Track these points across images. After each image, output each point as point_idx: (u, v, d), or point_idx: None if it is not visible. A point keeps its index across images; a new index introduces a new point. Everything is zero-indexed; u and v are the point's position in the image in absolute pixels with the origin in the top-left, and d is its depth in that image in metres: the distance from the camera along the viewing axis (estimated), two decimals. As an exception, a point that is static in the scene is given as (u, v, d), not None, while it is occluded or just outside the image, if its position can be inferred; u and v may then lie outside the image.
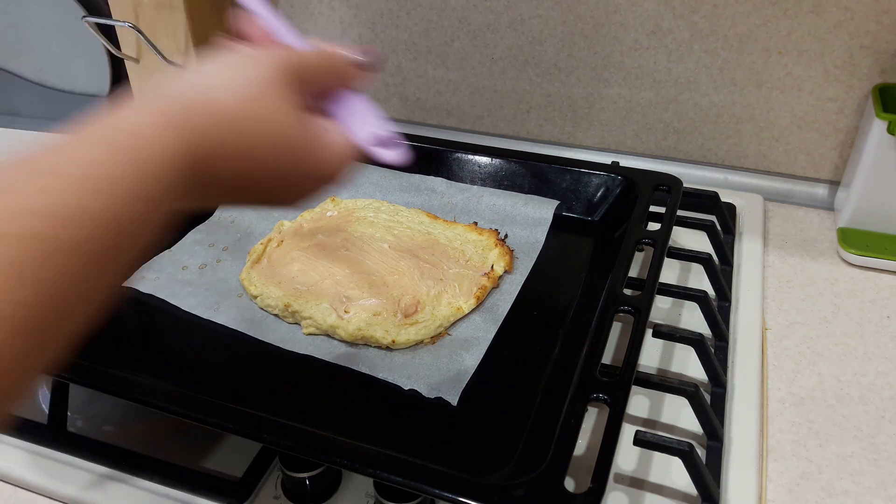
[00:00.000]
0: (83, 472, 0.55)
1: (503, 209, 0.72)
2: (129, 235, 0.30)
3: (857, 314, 0.66)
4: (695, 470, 0.48)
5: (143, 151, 0.31)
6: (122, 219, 0.30)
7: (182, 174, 0.33)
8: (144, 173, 0.31)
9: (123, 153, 0.31)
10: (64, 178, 0.30)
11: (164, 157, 0.32)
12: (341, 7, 0.92)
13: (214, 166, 0.34)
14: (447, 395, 0.54)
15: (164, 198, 0.32)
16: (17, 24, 0.96)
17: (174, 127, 0.33)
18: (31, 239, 0.27)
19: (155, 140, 0.32)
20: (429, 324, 0.59)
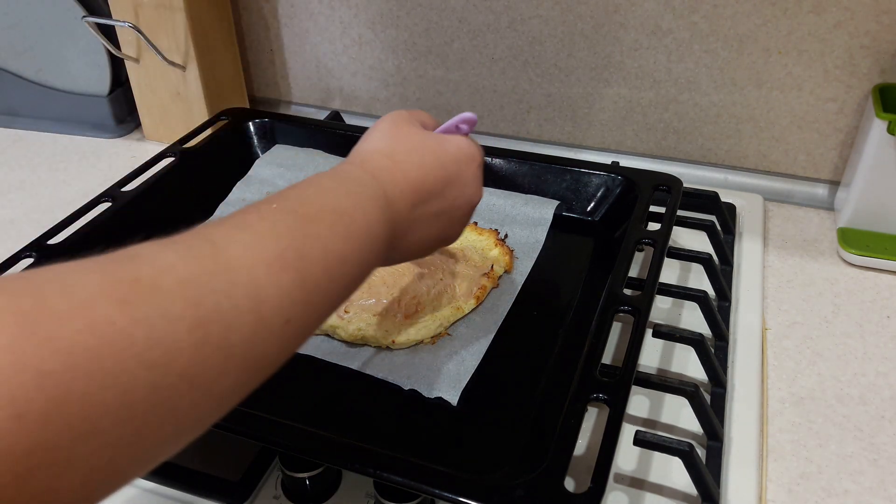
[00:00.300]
0: (83, 472, 0.55)
1: (503, 209, 0.72)
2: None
3: (857, 314, 0.66)
4: (695, 470, 0.48)
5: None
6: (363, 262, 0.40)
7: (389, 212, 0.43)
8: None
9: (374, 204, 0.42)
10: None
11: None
12: (341, 7, 0.92)
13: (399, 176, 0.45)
14: (447, 395, 0.54)
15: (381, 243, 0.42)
16: (17, 24, 0.96)
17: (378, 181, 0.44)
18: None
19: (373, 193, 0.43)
20: (429, 324, 0.59)
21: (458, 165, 0.48)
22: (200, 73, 0.91)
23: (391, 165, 0.45)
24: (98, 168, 0.94)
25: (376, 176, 0.44)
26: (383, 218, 0.41)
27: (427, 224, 0.47)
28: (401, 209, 0.44)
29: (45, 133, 1.02)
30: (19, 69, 1.00)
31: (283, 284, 0.33)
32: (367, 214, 0.40)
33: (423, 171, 0.46)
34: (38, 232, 0.66)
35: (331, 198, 0.39)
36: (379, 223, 0.41)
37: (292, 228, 0.35)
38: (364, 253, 0.39)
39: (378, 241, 0.41)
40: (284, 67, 1.01)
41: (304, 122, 0.85)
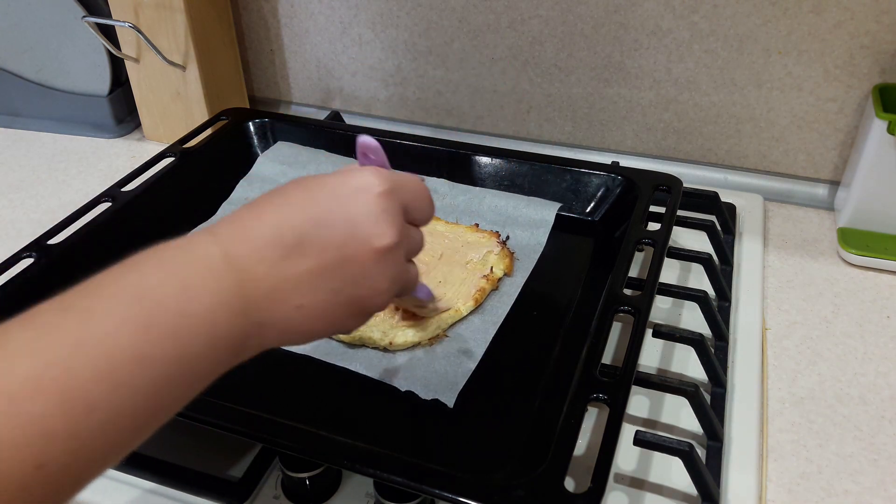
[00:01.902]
0: (83, 472, 0.55)
1: (505, 211, 0.72)
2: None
3: (857, 314, 0.66)
4: (695, 470, 0.48)
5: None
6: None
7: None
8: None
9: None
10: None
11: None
12: (341, 7, 0.92)
13: None
14: (444, 396, 0.54)
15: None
16: (17, 24, 0.96)
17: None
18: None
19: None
20: (427, 326, 0.59)
21: (338, 199, 0.36)
22: (200, 73, 0.91)
23: (245, 215, 0.35)
24: (98, 168, 0.94)
25: (218, 234, 0.34)
26: (218, 289, 0.32)
27: (310, 286, 0.35)
28: (255, 269, 0.34)
29: (45, 133, 1.02)
30: (19, 69, 1.00)
31: (32, 418, 0.26)
32: (187, 289, 0.31)
33: (286, 212, 0.35)
34: (38, 232, 0.66)
35: (132, 277, 0.31)
36: (209, 297, 0.32)
37: (60, 332, 0.28)
38: (183, 342, 0.31)
39: (211, 321, 0.32)
40: (284, 67, 1.01)
41: (304, 122, 0.85)
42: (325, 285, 0.36)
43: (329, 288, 0.36)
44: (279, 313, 0.35)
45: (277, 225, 0.35)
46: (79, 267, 0.33)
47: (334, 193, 0.37)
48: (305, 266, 0.35)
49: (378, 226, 0.37)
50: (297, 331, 0.36)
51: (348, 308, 0.37)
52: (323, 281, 0.36)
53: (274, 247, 0.34)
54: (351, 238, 0.36)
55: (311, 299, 0.35)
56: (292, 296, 0.35)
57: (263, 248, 0.34)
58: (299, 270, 0.35)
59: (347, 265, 0.36)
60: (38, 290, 0.60)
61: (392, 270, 0.39)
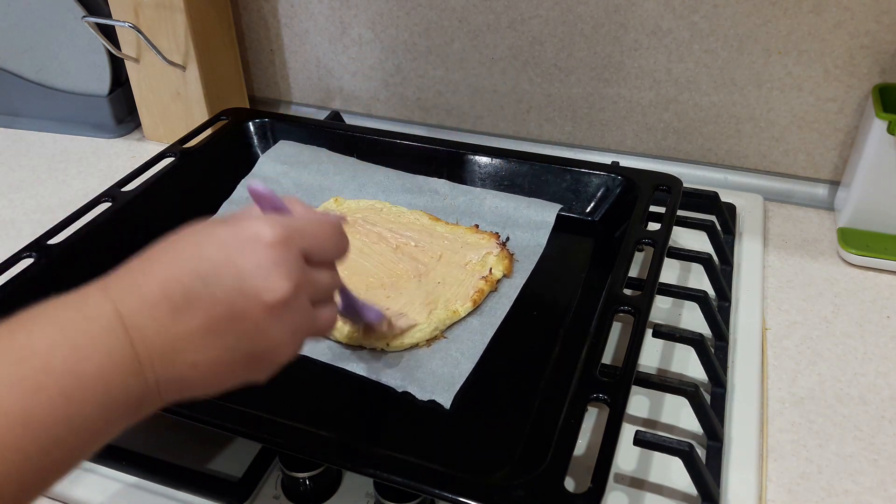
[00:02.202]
0: (83, 473, 0.54)
1: (505, 212, 0.72)
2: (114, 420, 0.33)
3: (857, 314, 0.66)
4: (695, 470, 0.48)
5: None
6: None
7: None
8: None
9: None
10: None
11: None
12: (341, 7, 0.92)
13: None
14: (440, 397, 0.54)
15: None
16: (17, 24, 0.96)
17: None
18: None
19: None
20: (424, 326, 0.59)
21: (226, 250, 0.35)
22: (200, 73, 0.91)
23: (140, 269, 0.34)
24: (98, 168, 0.94)
25: (109, 289, 0.33)
26: (110, 348, 0.32)
27: (201, 343, 0.34)
28: (146, 326, 0.33)
29: (45, 133, 1.02)
30: (19, 69, 1.00)
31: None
32: (77, 349, 0.31)
33: (175, 266, 0.34)
34: (38, 232, 0.66)
35: (20, 336, 0.31)
36: (102, 357, 0.31)
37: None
38: (74, 404, 0.30)
39: (103, 381, 0.31)
40: (284, 67, 1.01)
41: (305, 122, 0.85)
42: (218, 342, 0.34)
43: (222, 345, 0.35)
44: (174, 371, 0.34)
45: (166, 280, 0.34)
46: (79, 267, 0.33)
47: (223, 245, 0.35)
48: (195, 323, 0.34)
49: (268, 280, 0.35)
50: (196, 387, 0.35)
51: (249, 363, 0.36)
52: (214, 338, 0.34)
53: (163, 303, 0.33)
54: (239, 294, 0.34)
55: (204, 356, 0.34)
56: (185, 354, 0.34)
57: (153, 305, 0.33)
58: (189, 328, 0.34)
59: (238, 322, 0.34)
60: (38, 290, 0.60)
61: (292, 322, 0.36)
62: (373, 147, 0.79)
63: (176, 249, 0.35)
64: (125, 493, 0.53)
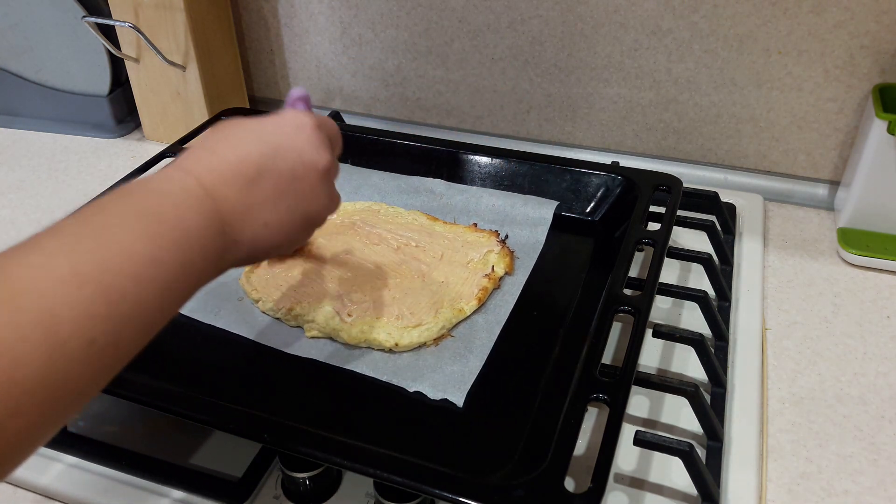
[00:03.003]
0: (83, 473, 0.55)
1: (503, 210, 0.72)
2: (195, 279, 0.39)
3: (857, 314, 0.66)
4: (695, 470, 0.48)
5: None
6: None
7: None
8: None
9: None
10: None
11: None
12: (341, 7, 0.92)
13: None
14: (452, 396, 0.54)
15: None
16: (17, 24, 0.96)
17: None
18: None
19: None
20: (431, 326, 0.59)
21: (282, 135, 0.45)
22: (200, 73, 0.91)
23: (205, 154, 0.42)
24: (98, 168, 0.94)
25: (188, 168, 0.41)
26: (202, 210, 0.39)
27: (271, 206, 0.43)
28: (227, 195, 0.41)
29: (45, 133, 1.02)
30: (19, 69, 1.00)
31: (81, 301, 0.31)
32: (179, 209, 0.38)
33: (243, 149, 0.43)
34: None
35: (133, 200, 0.37)
36: (197, 216, 0.38)
37: (85, 239, 0.33)
38: (183, 251, 0.37)
39: (200, 236, 0.38)
40: (284, 67, 1.01)
41: (304, 122, 0.85)
42: (283, 204, 0.44)
43: (286, 206, 0.44)
44: (249, 232, 0.42)
45: (237, 160, 0.42)
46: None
47: (279, 130, 0.45)
48: (266, 190, 0.43)
49: (319, 152, 0.45)
50: (262, 246, 0.44)
51: (301, 223, 0.46)
52: (281, 201, 0.43)
53: (238, 178, 0.41)
54: (299, 164, 0.44)
55: (273, 217, 0.43)
56: (259, 216, 0.42)
57: (230, 179, 0.41)
58: (262, 194, 0.42)
59: (298, 186, 0.44)
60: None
61: (330, 188, 0.47)
62: (372, 147, 0.79)
63: (235, 136, 0.44)
64: (125, 492, 0.53)
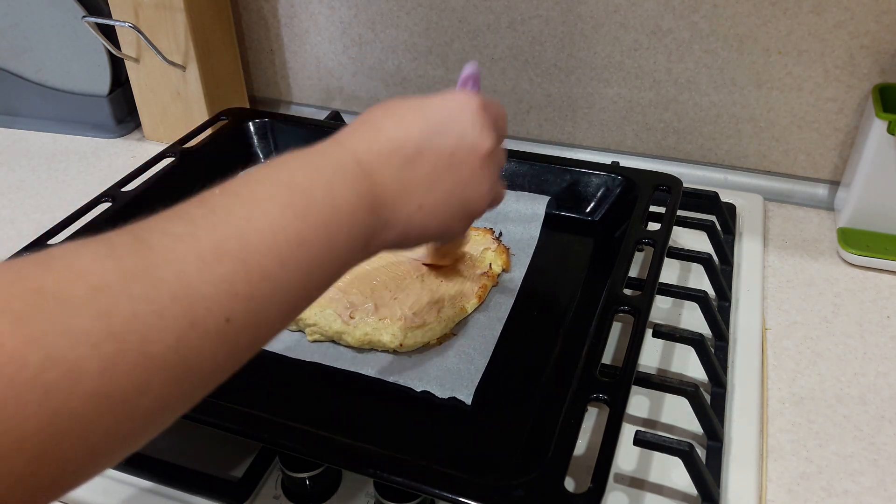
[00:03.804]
0: (83, 472, 0.55)
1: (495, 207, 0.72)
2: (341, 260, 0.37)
3: (857, 314, 0.66)
4: (695, 470, 0.48)
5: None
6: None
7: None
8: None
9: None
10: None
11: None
12: (341, 7, 0.92)
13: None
14: (460, 394, 0.54)
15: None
16: (17, 24, 0.96)
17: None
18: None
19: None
20: (434, 325, 0.59)
21: (446, 114, 0.43)
22: (200, 73, 0.91)
23: (364, 129, 0.41)
24: (98, 168, 0.94)
25: (344, 143, 0.40)
26: (355, 188, 0.37)
27: (427, 187, 0.41)
28: (383, 173, 0.39)
29: (45, 133, 1.02)
30: (19, 69, 1.00)
31: (221, 277, 0.30)
32: (331, 186, 0.36)
33: (404, 126, 0.41)
34: (38, 232, 0.66)
35: (283, 173, 0.36)
36: (350, 194, 0.37)
37: (232, 211, 0.32)
38: (332, 231, 0.35)
39: (351, 216, 0.37)
40: (284, 67, 1.01)
41: (304, 122, 0.85)
42: (440, 187, 0.42)
43: (443, 189, 0.42)
44: (402, 213, 0.40)
45: (397, 138, 0.40)
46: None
47: (442, 109, 0.43)
48: (424, 170, 0.41)
49: (482, 135, 0.43)
50: (414, 230, 0.42)
51: (458, 209, 0.43)
52: (438, 183, 0.41)
53: (395, 156, 0.40)
54: (460, 145, 0.42)
55: (429, 199, 0.41)
56: (414, 197, 0.41)
57: (388, 157, 0.40)
58: (419, 174, 0.41)
59: (457, 169, 0.42)
60: (38, 290, 0.60)
61: (491, 175, 0.45)
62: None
63: (398, 114, 0.42)
64: (125, 492, 0.53)
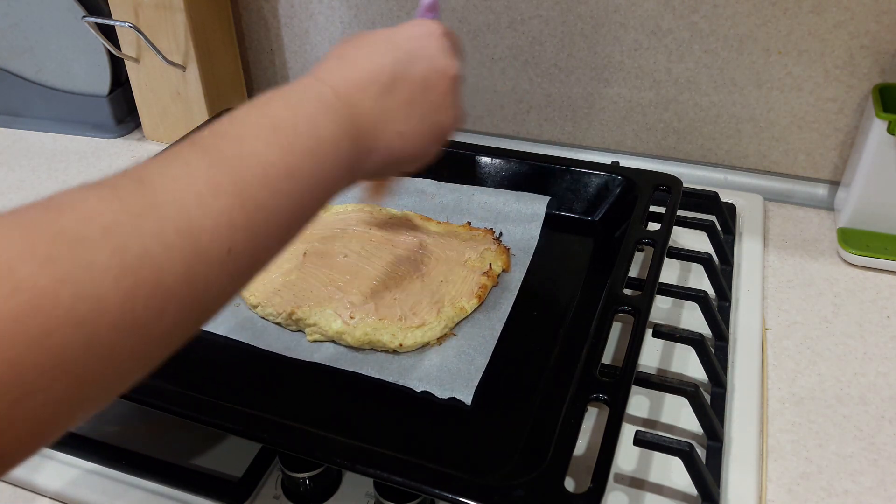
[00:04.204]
0: (83, 472, 0.55)
1: (495, 207, 0.72)
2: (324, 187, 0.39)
3: (857, 314, 0.66)
4: (695, 470, 0.48)
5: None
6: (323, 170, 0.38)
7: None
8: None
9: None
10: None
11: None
12: (341, 7, 0.92)
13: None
14: (460, 394, 0.54)
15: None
16: (17, 24, 0.96)
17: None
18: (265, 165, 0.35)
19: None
20: (434, 325, 0.59)
21: (414, 42, 0.45)
22: (200, 73, 0.91)
23: (339, 63, 0.43)
24: (98, 168, 0.94)
25: (322, 77, 0.41)
26: (336, 119, 0.39)
27: (404, 114, 0.43)
28: (362, 103, 0.41)
29: (45, 133, 1.02)
30: (19, 69, 1.00)
31: (220, 211, 0.32)
32: (313, 119, 0.38)
33: (377, 57, 0.43)
34: (38, 232, 0.66)
35: (267, 111, 0.37)
36: (332, 125, 0.39)
37: (223, 151, 0.34)
38: (317, 161, 0.37)
39: (335, 145, 0.39)
40: (284, 67, 1.01)
41: (304, 122, 0.85)
42: (416, 112, 0.44)
43: (419, 114, 0.44)
44: (383, 140, 0.42)
45: (372, 69, 0.42)
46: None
47: (411, 38, 0.45)
48: (401, 98, 0.43)
49: (450, 59, 0.46)
50: (395, 155, 0.44)
51: (433, 132, 0.46)
52: (414, 108, 0.44)
53: (373, 86, 0.42)
54: (432, 71, 0.45)
55: (407, 126, 0.43)
56: (393, 124, 0.43)
57: (365, 87, 0.41)
58: (397, 102, 0.43)
59: (430, 93, 0.45)
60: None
61: (459, 97, 0.47)
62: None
63: (369, 46, 0.44)
64: (125, 492, 0.53)
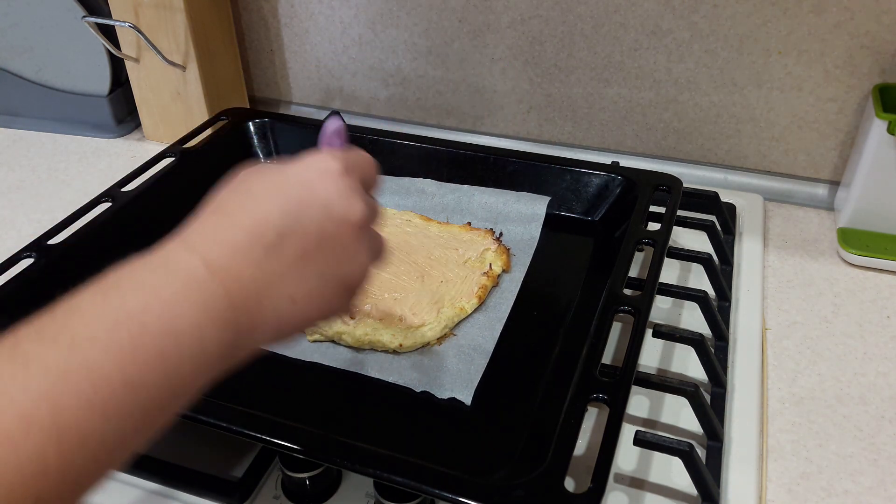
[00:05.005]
0: (83, 472, 0.55)
1: (495, 207, 0.72)
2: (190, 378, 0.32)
3: (857, 314, 0.66)
4: (695, 470, 0.48)
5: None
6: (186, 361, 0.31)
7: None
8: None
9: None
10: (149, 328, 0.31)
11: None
12: (341, 7, 0.92)
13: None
14: (460, 395, 0.54)
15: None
16: (17, 24, 0.96)
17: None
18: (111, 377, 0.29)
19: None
20: (434, 325, 0.59)
21: (306, 187, 0.37)
22: (200, 73, 0.91)
23: (215, 220, 0.36)
24: (98, 168, 0.94)
25: (192, 244, 0.34)
26: (204, 302, 0.32)
27: (296, 275, 0.36)
28: (241, 272, 0.34)
29: (45, 133, 1.02)
30: (19, 69, 1.00)
31: (29, 455, 0.26)
32: (171, 308, 0.31)
33: (260, 210, 0.35)
34: (38, 232, 0.66)
35: (112, 298, 0.31)
36: (196, 313, 0.32)
37: (45, 362, 0.28)
38: (171, 363, 0.30)
39: (198, 338, 0.32)
40: (284, 67, 1.01)
41: (304, 122, 0.85)
42: (312, 270, 0.36)
43: (316, 272, 0.36)
44: (270, 310, 0.35)
45: (254, 225, 0.35)
46: (79, 267, 0.33)
47: (300, 182, 0.37)
48: (290, 256, 0.35)
49: (351, 204, 0.38)
50: (290, 323, 0.36)
51: (336, 289, 0.38)
52: (309, 266, 0.36)
53: (255, 247, 0.34)
54: (328, 220, 0.37)
55: (301, 288, 0.36)
56: (283, 289, 0.35)
57: (245, 249, 0.34)
58: (285, 262, 0.35)
59: (328, 246, 0.37)
60: (38, 290, 0.60)
61: (370, 243, 0.40)
62: (372, 147, 0.79)
63: (251, 195, 0.37)
64: (125, 493, 0.53)
